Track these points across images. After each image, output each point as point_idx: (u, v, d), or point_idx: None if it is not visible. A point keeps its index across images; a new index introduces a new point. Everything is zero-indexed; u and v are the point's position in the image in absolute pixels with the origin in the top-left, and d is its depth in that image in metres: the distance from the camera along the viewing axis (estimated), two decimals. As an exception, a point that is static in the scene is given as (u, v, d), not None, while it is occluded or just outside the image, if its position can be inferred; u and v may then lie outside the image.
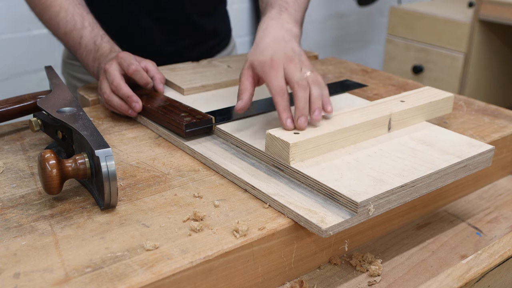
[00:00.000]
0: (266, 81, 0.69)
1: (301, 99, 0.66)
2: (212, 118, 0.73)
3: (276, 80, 0.68)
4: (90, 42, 0.86)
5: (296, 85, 0.67)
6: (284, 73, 0.68)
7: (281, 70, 0.68)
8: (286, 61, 0.69)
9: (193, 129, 0.72)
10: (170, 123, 0.74)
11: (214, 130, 0.74)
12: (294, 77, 0.67)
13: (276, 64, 0.68)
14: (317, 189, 0.59)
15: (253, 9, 2.27)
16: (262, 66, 0.70)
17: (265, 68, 0.69)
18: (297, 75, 0.68)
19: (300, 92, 0.66)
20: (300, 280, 0.58)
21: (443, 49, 1.96)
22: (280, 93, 0.67)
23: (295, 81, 0.67)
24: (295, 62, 0.69)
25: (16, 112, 0.76)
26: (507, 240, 0.60)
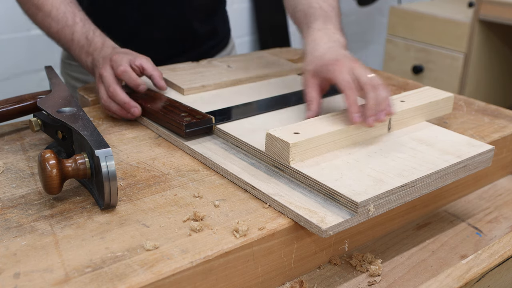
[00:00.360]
0: (333, 77, 0.71)
1: (372, 99, 0.67)
2: (212, 118, 0.73)
3: (344, 75, 0.70)
4: (82, 37, 0.86)
5: (367, 85, 0.68)
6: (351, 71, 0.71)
7: (347, 67, 0.71)
8: (351, 62, 0.72)
9: (193, 129, 0.72)
10: (170, 123, 0.74)
11: (214, 130, 0.74)
12: (364, 78, 0.69)
13: (341, 63, 0.71)
14: (317, 189, 0.59)
15: (253, 9, 2.27)
16: (327, 67, 0.72)
17: (330, 67, 0.72)
18: (365, 76, 0.70)
19: (371, 93, 0.68)
20: (300, 280, 0.58)
21: (443, 49, 1.96)
22: (349, 87, 0.69)
23: (365, 81, 0.69)
24: (359, 64, 0.72)
25: (16, 112, 0.76)
26: (507, 240, 0.60)
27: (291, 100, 0.84)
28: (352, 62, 0.72)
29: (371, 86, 0.68)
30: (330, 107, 0.82)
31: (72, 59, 1.12)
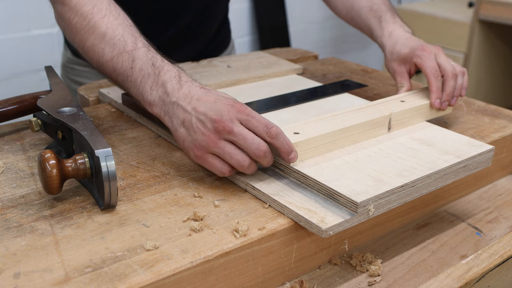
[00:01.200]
0: (420, 62, 0.80)
1: (450, 87, 0.77)
2: None
3: (432, 62, 0.79)
4: (147, 65, 0.67)
5: (449, 74, 0.78)
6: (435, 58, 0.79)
7: (433, 55, 0.80)
8: (435, 49, 0.81)
9: None
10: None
11: None
12: (448, 67, 0.78)
13: (428, 50, 0.80)
14: (317, 189, 0.59)
15: (253, 9, 2.27)
16: (413, 52, 0.81)
17: (416, 52, 0.80)
18: (448, 64, 0.79)
19: (451, 81, 0.77)
20: (300, 280, 0.58)
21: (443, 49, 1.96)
22: (435, 74, 0.78)
23: (449, 70, 0.78)
24: (441, 51, 0.81)
25: (16, 112, 0.76)
26: (507, 240, 0.60)
27: (291, 100, 0.84)
28: (436, 49, 0.81)
29: (452, 75, 0.78)
30: (330, 107, 0.82)
31: (76, 63, 1.11)
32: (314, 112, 0.80)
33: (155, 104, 0.65)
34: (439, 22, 1.95)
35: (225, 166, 0.61)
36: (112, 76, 0.71)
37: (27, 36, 1.70)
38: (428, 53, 0.79)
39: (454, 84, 0.78)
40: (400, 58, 0.83)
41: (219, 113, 0.59)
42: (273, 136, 0.59)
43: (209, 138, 0.59)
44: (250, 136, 0.59)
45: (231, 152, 0.59)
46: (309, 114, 0.79)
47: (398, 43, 0.84)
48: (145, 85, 0.66)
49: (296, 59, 1.16)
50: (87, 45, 0.72)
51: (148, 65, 0.67)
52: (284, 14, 2.34)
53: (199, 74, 0.96)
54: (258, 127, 0.59)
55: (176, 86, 0.64)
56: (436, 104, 0.76)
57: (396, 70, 0.84)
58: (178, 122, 0.62)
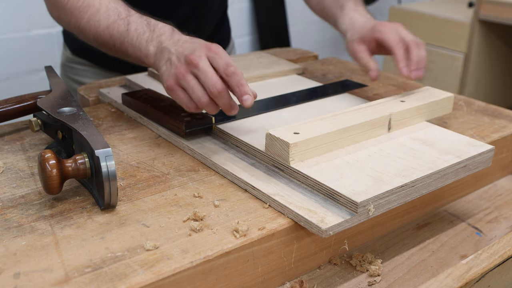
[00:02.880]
0: (381, 37, 0.80)
1: (416, 56, 0.78)
2: (212, 118, 0.73)
3: (393, 34, 0.80)
4: (142, 25, 0.73)
5: (413, 43, 0.79)
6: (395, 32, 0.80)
7: (393, 28, 0.81)
8: (394, 25, 0.82)
9: (193, 129, 0.71)
10: (170, 123, 0.74)
11: (214, 130, 0.74)
12: (409, 36, 0.80)
13: (388, 24, 0.81)
14: (317, 189, 0.59)
15: (253, 9, 2.27)
16: (373, 28, 0.82)
17: (377, 27, 0.81)
18: (409, 35, 0.80)
19: (416, 50, 0.78)
20: (300, 280, 0.58)
21: (443, 49, 1.96)
22: (399, 44, 0.79)
23: (410, 39, 0.79)
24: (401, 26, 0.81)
25: (16, 112, 0.76)
26: (507, 240, 0.60)
27: (291, 100, 0.84)
28: (395, 24, 0.82)
29: (416, 44, 0.78)
30: (330, 107, 0.82)
31: (75, 62, 1.12)
32: (314, 112, 0.80)
33: (151, 54, 0.71)
34: (439, 22, 1.95)
35: (191, 102, 0.65)
36: (109, 43, 0.76)
37: (27, 36, 1.70)
38: (388, 28, 0.80)
39: (418, 53, 0.78)
40: (360, 36, 0.83)
41: (193, 50, 0.65)
42: (229, 74, 0.63)
43: (179, 70, 0.65)
44: (210, 73, 0.63)
45: (194, 86, 0.64)
46: (309, 114, 0.79)
47: (357, 25, 0.85)
48: (141, 40, 0.72)
49: (296, 59, 1.16)
50: (83, 23, 0.78)
51: (143, 25, 0.73)
52: (284, 14, 2.34)
53: (199, 74, 0.95)
54: (219, 64, 0.64)
55: (169, 36, 0.70)
56: (404, 71, 0.77)
57: (356, 49, 0.83)
58: (163, 62, 0.68)
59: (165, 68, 0.67)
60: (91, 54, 1.11)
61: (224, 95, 0.63)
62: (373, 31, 0.81)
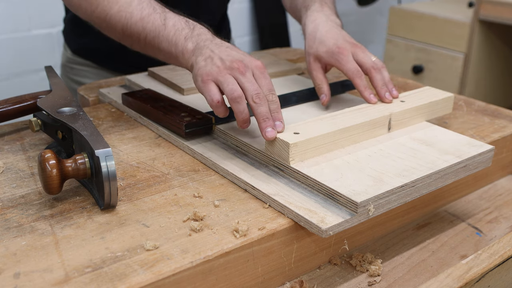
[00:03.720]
0: (339, 66, 0.77)
1: (379, 81, 0.75)
2: (212, 118, 0.73)
3: (350, 64, 0.76)
4: (180, 22, 0.73)
5: (372, 69, 0.76)
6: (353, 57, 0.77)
7: (351, 55, 0.77)
8: (352, 47, 0.78)
9: (193, 129, 0.71)
10: (170, 123, 0.74)
11: (214, 130, 0.74)
12: (368, 62, 0.76)
13: (344, 50, 0.77)
14: (317, 189, 0.59)
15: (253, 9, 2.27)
16: (330, 54, 0.78)
17: (334, 55, 0.77)
18: (368, 59, 0.76)
19: (377, 75, 0.76)
20: (300, 280, 0.58)
21: (443, 49, 1.96)
22: (358, 75, 0.75)
23: (369, 65, 0.76)
24: (360, 48, 0.78)
25: (16, 112, 0.76)
26: (507, 240, 0.60)
27: (291, 100, 0.84)
28: (353, 47, 0.78)
29: (375, 70, 0.76)
30: (330, 107, 0.82)
31: (75, 62, 1.12)
32: (314, 112, 0.80)
33: (188, 51, 0.70)
34: (439, 22, 1.95)
35: (218, 94, 0.65)
36: (139, 35, 0.76)
37: (27, 36, 1.70)
38: (345, 55, 0.76)
39: (381, 77, 0.75)
40: (317, 55, 0.80)
41: (241, 59, 0.66)
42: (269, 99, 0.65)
43: (219, 69, 0.65)
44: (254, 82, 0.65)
45: (230, 81, 0.64)
46: (309, 114, 0.79)
47: (317, 36, 0.80)
48: (179, 36, 0.72)
49: (296, 59, 1.16)
50: (111, 13, 0.77)
51: (182, 22, 0.73)
52: (284, 14, 2.34)
53: (199, 74, 0.95)
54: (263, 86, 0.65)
55: (210, 37, 0.71)
56: (372, 98, 0.74)
57: (311, 66, 0.80)
58: (201, 58, 0.68)
59: (204, 64, 0.67)
60: (92, 54, 1.11)
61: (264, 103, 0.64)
62: (330, 56, 0.77)
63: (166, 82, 0.91)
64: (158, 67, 0.96)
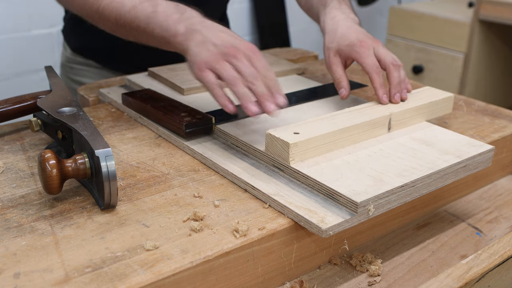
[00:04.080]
0: (359, 60, 0.77)
1: (396, 78, 0.75)
2: (212, 118, 0.73)
3: (370, 58, 0.76)
4: (169, 7, 0.74)
5: (391, 66, 0.75)
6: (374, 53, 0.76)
7: (372, 50, 0.77)
8: (373, 42, 0.78)
9: (193, 129, 0.71)
10: (170, 123, 0.74)
11: (214, 130, 0.74)
12: (388, 58, 0.76)
13: (366, 44, 0.77)
14: (317, 189, 0.59)
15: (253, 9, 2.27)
16: (351, 47, 0.77)
17: (355, 48, 0.77)
18: (389, 56, 0.76)
19: (395, 73, 0.75)
20: (300, 280, 0.58)
21: (443, 49, 1.96)
22: (376, 71, 0.75)
23: (389, 61, 0.76)
24: (381, 44, 0.78)
25: (16, 112, 0.76)
26: (507, 240, 0.60)
27: (291, 100, 0.84)
28: (375, 42, 0.78)
29: (394, 66, 0.75)
30: (330, 107, 0.82)
31: (74, 62, 1.12)
32: (314, 112, 0.80)
33: (179, 33, 0.71)
34: (439, 22, 1.95)
35: (216, 80, 0.66)
36: (132, 24, 0.76)
37: (27, 36, 1.70)
38: (366, 49, 0.76)
39: (399, 75, 0.75)
40: (337, 48, 0.79)
41: (233, 43, 0.67)
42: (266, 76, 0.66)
43: (214, 56, 0.66)
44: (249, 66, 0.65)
45: (226, 67, 0.65)
46: (309, 114, 0.79)
47: (339, 32, 0.80)
48: (169, 21, 0.72)
49: (296, 59, 1.16)
50: (102, 5, 0.77)
51: (171, 7, 0.74)
52: (284, 14, 2.34)
53: (199, 74, 0.95)
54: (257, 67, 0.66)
55: (200, 20, 0.71)
56: (384, 99, 0.74)
57: (331, 60, 0.80)
58: (194, 42, 0.68)
59: (197, 50, 0.67)
60: (91, 52, 1.11)
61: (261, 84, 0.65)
62: (351, 49, 0.77)
63: (166, 82, 0.91)
64: (158, 67, 0.96)
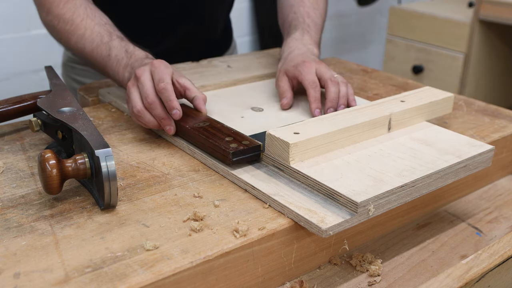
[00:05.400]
0: (300, 77, 0.81)
1: (332, 93, 0.78)
2: (260, 145, 0.66)
3: (310, 75, 0.80)
4: (121, 52, 0.81)
5: (328, 81, 0.79)
6: (316, 72, 0.80)
7: (314, 68, 0.81)
8: (317, 63, 0.82)
9: (241, 157, 0.64)
10: (214, 149, 0.66)
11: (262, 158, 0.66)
12: (326, 74, 0.79)
13: (308, 64, 0.81)
14: (317, 189, 0.59)
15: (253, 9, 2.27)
16: (295, 67, 0.82)
17: (298, 67, 0.81)
18: (328, 73, 0.80)
19: (332, 88, 0.78)
20: (300, 280, 0.58)
21: (443, 49, 1.96)
22: (313, 86, 0.79)
23: (327, 77, 0.79)
24: (324, 65, 0.82)
25: (16, 112, 0.76)
26: (507, 240, 0.60)
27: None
28: (318, 63, 0.82)
29: (332, 82, 0.78)
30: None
31: (76, 61, 1.12)
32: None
33: (125, 80, 0.79)
34: (439, 22, 1.95)
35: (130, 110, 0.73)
36: (94, 65, 0.85)
37: (27, 36, 1.70)
38: (308, 68, 0.80)
39: (335, 90, 0.78)
40: (285, 69, 0.84)
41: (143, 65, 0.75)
42: (159, 89, 0.70)
43: (129, 84, 0.73)
44: (147, 86, 0.70)
45: (134, 94, 0.72)
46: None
47: (289, 57, 0.85)
48: (119, 67, 0.80)
49: (296, 59, 1.16)
50: (71, 44, 0.86)
51: (122, 52, 0.81)
52: (284, 14, 2.34)
53: (199, 74, 0.96)
54: (155, 79, 0.71)
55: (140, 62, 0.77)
56: (316, 113, 0.77)
57: (279, 78, 0.85)
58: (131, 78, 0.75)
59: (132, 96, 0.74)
60: None
61: (155, 107, 0.70)
62: (295, 69, 0.82)
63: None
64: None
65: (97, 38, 0.83)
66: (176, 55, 1.09)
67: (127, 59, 0.79)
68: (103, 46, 0.82)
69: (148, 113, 0.71)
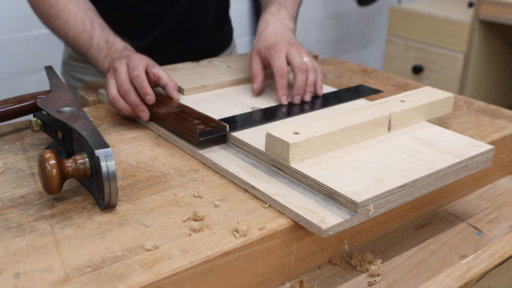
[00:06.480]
0: (270, 61, 0.82)
1: (299, 81, 0.79)
2: (226, 126, 0.71)
3: (279, 60, 0.81)
4: (102, 41, 0.84)
5: (297, 69, 0.80)
6: (286, 56, 0.81)
7: (284, 53, 0.81)
8: (288, 45, 0.82)
9: (207, 137, 0.69)
10: (183, 131, 0.72)
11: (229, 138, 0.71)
12: (295, 61, 0.80)
13: (279, 48, 0.81)
14: (317, 189, 0.59)
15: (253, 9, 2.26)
16: (266, 49, 0.83)
17: (269, 50, 0.82)
18: (298, 59, 0.80)
19: (300, 75, 0.80)
20: (300, 280, 0.58)
21: (443, 49, 1.96)
22: (281, 73, 0.80)
23: (296, 64, 0.80)
24: (296, 47, 0.82)
25: (16, 112, 0.76)
26: (507, 240, 0.60)
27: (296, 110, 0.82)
28: (290, 45, 0.82)
29: (301, 70, 0.79)
30: (330, 107, 0.82)
31: (76, 59, 1.12)
32: (314, 112, 0.79)
33: (105, 69, 0.83)
34: (439, 22, 1.95)
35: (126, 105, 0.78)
36: (76, 49, 0.89)
37: (27, 36, 1.70)
38: (278, 52, 0.81)
39: (303, 78, 0.79)
40: (258, 49, 0.85)
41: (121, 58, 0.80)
42: (132, 77, 0.76)
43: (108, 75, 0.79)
44: (123, 75, 0.76)
45: (111, 84, 0.77)
46: (309, 114, 0.79)
47: (263, 34, 0.86)
48: (99, 56, 0.84)
49: (296, 59, 1.16)
50: (54, 26, 0.89)
51: (103, 41, 0.84)
52: (284, 14, 2.34)
53: (199, 74, 0.96)
54: (129, 68, 0.76)
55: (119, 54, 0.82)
56: (283, 100, 0.79)
57: (252, 58, 0.86)
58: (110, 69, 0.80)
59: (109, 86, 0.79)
60: None
61: (130, 94, 0.76)
62: (266, 51, 0.83)
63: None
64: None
65: (80, 25, 0.86)
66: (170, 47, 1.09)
67: (107, 49, 0.84)
68: (85, 34, 0.85)
69: (122, 100, 0.77)
